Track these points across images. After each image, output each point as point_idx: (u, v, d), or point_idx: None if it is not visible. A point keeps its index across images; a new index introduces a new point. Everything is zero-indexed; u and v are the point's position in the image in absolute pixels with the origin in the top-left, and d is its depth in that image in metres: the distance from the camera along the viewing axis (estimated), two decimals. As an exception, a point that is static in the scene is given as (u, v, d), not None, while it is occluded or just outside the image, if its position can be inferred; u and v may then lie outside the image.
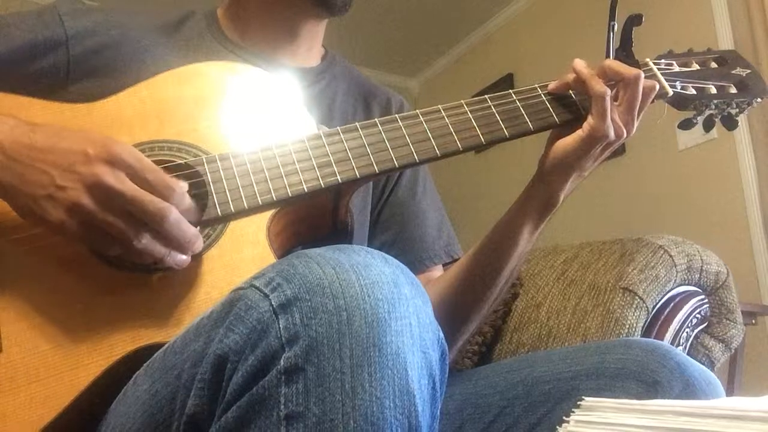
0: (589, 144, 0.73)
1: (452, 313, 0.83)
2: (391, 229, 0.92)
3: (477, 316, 0.84)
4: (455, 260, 0.93)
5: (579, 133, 0.73)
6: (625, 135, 0.74)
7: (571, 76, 0.75)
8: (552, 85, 0.76)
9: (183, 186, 0.61)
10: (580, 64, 0.74)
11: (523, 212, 0.79)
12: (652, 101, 0.77)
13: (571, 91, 0.76)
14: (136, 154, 0.59)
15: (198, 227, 0.62)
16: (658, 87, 0.75)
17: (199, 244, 0.61)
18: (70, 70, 0.78)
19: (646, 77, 0.77)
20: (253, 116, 0.72)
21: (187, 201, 0.61)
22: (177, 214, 0.59)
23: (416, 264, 0.91)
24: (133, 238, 0.58)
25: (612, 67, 0.73)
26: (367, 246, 0.56)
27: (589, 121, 0.72)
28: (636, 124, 0.75)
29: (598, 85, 0.72)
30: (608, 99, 0.71)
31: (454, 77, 3.93)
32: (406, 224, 0.92)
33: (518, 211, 0.79)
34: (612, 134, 0.72)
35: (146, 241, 0.58)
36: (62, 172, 0.57)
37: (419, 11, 3.45)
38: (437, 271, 0.93)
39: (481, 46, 3.73)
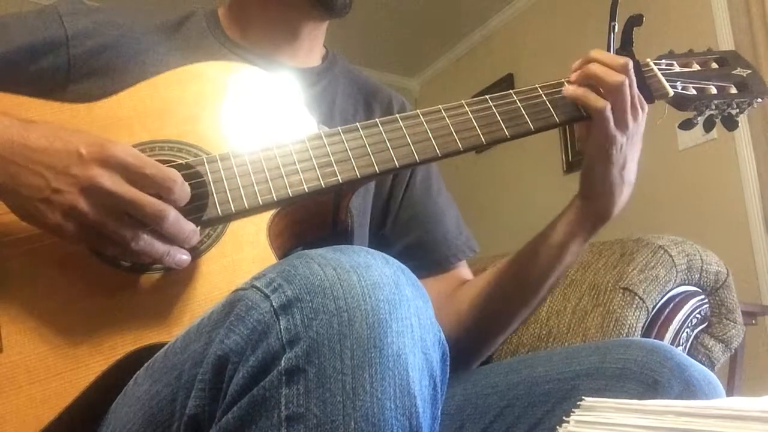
0: (606, 152, 0.73)
1: (490, 320, 0.84)
2: (412, 231, 0.92)
3: (516, 322, 0.85)
4: (476, 254, 0.94)
5: (590, 145, 0.74)
6: (631, 123, 0.73)
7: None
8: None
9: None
10: (570, 90, 0.74)
11: (572, 231, 0.79)
12: (652, 101, 0.77)
13: None
14: (132, 152, 0.58)
15: (198, 227, 0.62)
16: (631, 64, 0.74)
17: (195, 238, 0.61)
18: (71, 70, 0.77)
19: (647, 77, 0.77)
20: (254, 116, 0.72)
21: (187, 190, 0.61)
22: (175, 214, 0.59)
23: (442, 263, 0.91)
24: (131, 239, 0.57)
25: (596, 74, 0.73)
26: (389, 251, 0.56)
27: (594, 135, 0.73)
28: (641, 110, 0.74)
29: (598, 102, 0.72)
30: (608, 110, 0.72)
31: (454, 77, 3.93)
32: (427, 224, 0.93)
33: (568, 230, 0.79)
34: (620, 136, 0.73)
35: (144, 243, 0.58)
36: (57, 175, 0.57)
37: (419, 11, 3.45)
38: (463, 268, 0.94)
39: (481, 46, 3.73)
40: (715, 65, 0.85)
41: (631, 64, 0.73)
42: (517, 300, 0.83)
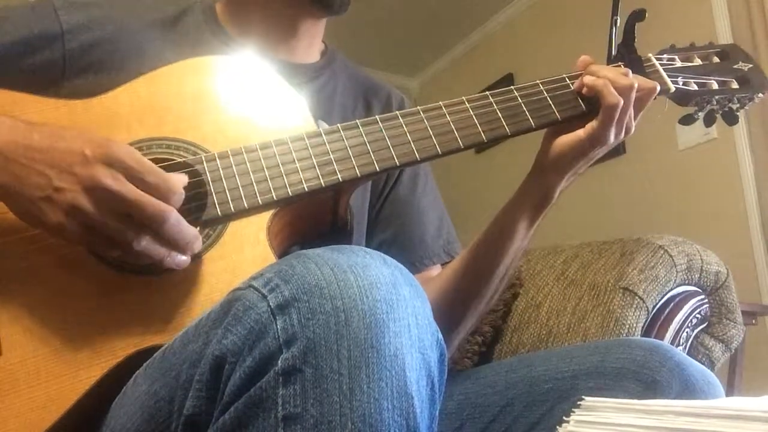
0: (590, 147, 0.74)
1: (449, 310, 0.83)
2: (390, 228, 0.92)
3: (474, 313, 0.84)
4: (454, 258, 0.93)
5: (579, 135, 0.74)
6: (622, 136, 0.75)
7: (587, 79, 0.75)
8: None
9: (183, 181, 0.61)
10: (590, 79, 0.74)
11: (518, 209, 0.79)
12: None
13: (572, 86, 0.76)
14: (135, 155, 0.58)
15: (198, 227, 0.62)
16: (658, 88, 0.75)
17: (198, 245, 0.61)
18: (66, 65, 0.77)
19: (648, 72, 0.77)
20: (252, 111, 0.71)
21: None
22: (177, 216, 0.58)
23: (415, 264, 0.90)
24: (132, 240, 0.57)
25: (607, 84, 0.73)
26: (367, 245, 0.56)
27: (594, 126, 0.73)
28: (635, 124, 0.75)
29: (611, 96, 0.72)
30: (619, 110, 0.72)
31: (454, 77, 3.93)
32: (405, 223, 0.92)
33: (514, 207, 0.79)
34: (612, 139, 0.74)
35: (145, 243, 0.58)
36: (60, 174, 0.56)
37: (419, 11, 3.44)
38: (435, 270, 0.93)
39: (481, 46, 3.73)
40: (716, 59, 0.85)
41: (636, 85, 0.73)
42: (477, 284, 0.82)
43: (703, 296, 1.18)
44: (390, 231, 0.92)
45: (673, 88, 0.79)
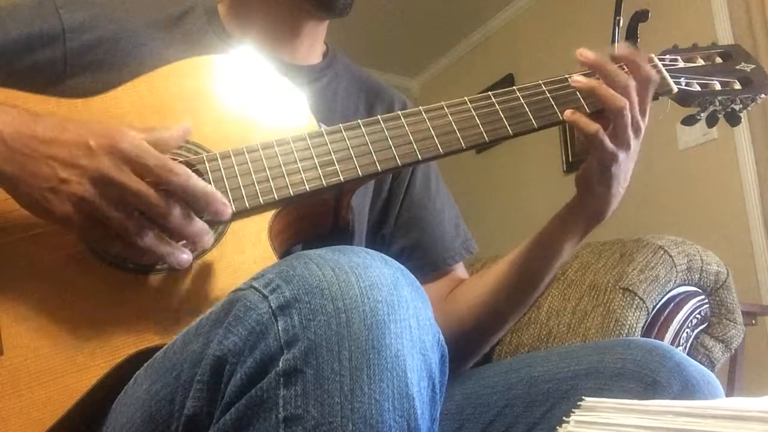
0: (606, 167, 0.73)
1: (485, 326, 0.85)
2: (411, 233, 0.92)
3: (513, 321, 0.87)
4: (473, 255, 0.95)
5: (593, 163, 0.74)
6: (632, 141, 0.74)
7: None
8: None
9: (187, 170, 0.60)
10: (568, 114, 0.74)
11: (568, 227, 0.80)
12: (656, 98, 0.77)
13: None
14: (138, 143, 0.58)
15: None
16: (656, 77, 0.74)
17: (208, 240, 0.61)
18: (67, 64, 0.77)
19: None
20: (253, 110, 0.71)
21: (201, 186, 0.59)
22: (180, 210, 0.58)
23: (439, 264, 0.91)
24: (136, 234, 0.57)
25: (601, 95, 0.72)
26: (387, 251, 0.56)
27: (594, 155, 0.73)
28: (644, 123, 0.74)
29: (589, 126, 0.72)
30: (601, 132, 0.71)
31: (454, 77, 3.93)
32: (425, 226, 0.93)
33: (563, 225, 0.80)
34: (622, 155, 0.73)
35: (148, 239, 0.58)
36: (65, 165, 0.57)
37: (419, 11, 3.44)
38: (459, 269, 0.94)
39: (481, 46, 3.73)
40: (719, 60, 0.84)
41: (634, 84, 0.72)
42: (516, 301, 0.84)
43: (703, 296, 1.18)
44: (411, 236, 0.92)
45: (675, 89, 0.78)
